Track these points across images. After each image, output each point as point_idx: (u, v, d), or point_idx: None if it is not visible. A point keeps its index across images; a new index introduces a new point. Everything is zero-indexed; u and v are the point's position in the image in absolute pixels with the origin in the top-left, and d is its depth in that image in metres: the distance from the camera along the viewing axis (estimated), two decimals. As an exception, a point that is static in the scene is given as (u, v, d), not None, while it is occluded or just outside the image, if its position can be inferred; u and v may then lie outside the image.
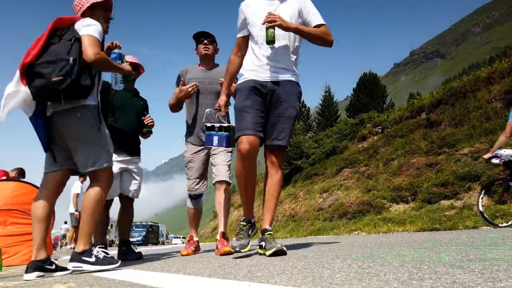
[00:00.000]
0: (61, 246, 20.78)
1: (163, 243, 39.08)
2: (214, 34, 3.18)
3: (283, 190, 15.99)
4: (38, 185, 4.71)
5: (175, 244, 31.17)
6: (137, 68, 3.39)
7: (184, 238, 45.98)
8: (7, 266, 3.55)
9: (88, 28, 2.04)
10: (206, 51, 3.15)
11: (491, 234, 3.09)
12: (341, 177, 12.59)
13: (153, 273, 1.90)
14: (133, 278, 1.67)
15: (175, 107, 3.23)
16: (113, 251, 7.46)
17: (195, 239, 3.38)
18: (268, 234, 2.29)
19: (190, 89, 2.99)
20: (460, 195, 7.24)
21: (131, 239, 3.74)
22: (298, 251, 2.43)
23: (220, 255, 2.72)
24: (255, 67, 2.27)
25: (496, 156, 4.94)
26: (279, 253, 2.05)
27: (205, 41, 3.15)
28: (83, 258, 2.03)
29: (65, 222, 21.34)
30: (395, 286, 0.95)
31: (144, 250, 7.22)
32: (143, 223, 40.44)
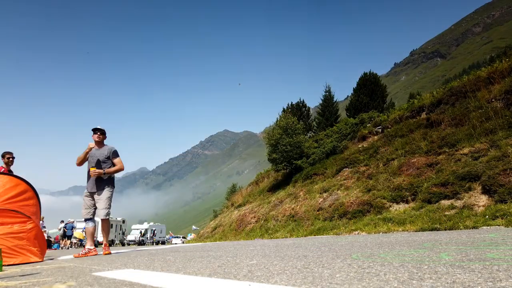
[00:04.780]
0: (62, 247, 20.67)
1: (163, 243, 39.07)
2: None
3: (283, 190, 15.98)
4: (24, 178, 4.66)
5: (175, 244, 31.14)
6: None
7: (184, 238, 45.97)
8: (7, 265, 3.55)
9: None
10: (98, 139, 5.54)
11: (491, 234, 3.09)
12: (341, 177, 12.57)
13: (153, 273, 1.90)
14: (133, 278, 1.67)
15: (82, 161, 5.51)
16: (113, 251, 7.46)
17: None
18: None
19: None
20: (460, 195, 7.23)
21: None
22: (298, 251, 2.43)
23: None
24: None
25: None
26: None
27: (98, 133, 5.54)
28: None
29: (62, 221, 21.31)
30: (395, 286, 0.95)
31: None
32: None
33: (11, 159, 6.12)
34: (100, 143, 5.50)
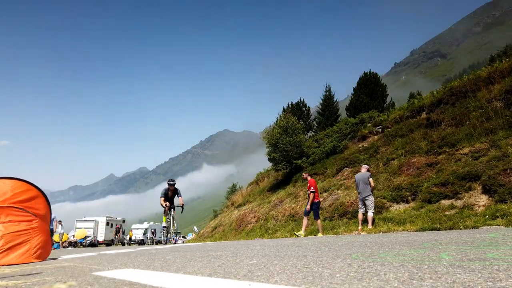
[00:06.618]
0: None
1: (165, 242, 38.99)
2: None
3: (283, 190, 15.99)
4: (34, 183, 4.68)
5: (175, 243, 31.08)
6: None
7: (184, 237, 45.91)
8: (7, 265, 3.55)
9: None
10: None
11: (491, 234, 3.09)
12: (341, 177, 12.58)
13: (153, 272, 1.90)
14: (133, 277, 1.67)
15: None
16: (113, 251, 7.47)
17: None
18: None
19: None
20: (461, 195, 7.22)
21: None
22: (298, 251, 2.43)
23: None
24: None
25: None
26: None
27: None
28: None
29: (60, 222, 21.45)
30: (395, 285, 0.94)
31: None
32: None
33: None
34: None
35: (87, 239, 27.67)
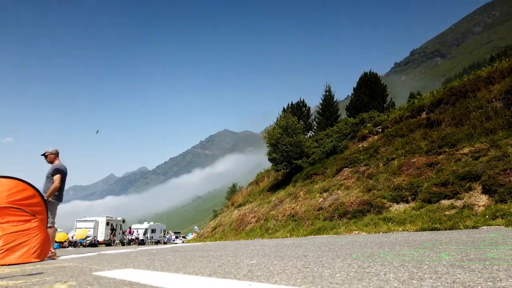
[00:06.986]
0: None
1: (165, 243, 39.02)
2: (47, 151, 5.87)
3: (284, 190, 15.98)
4: (30, 182, 4.70)
5: (176, 243, 31.17)
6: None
7: (184, 237, 45.96)
8: (7, 265, 3.55)
9: None
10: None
11: (491, 234, 3.09)
12: (341, 177, 12.57)
13: (153, 272, 1.90)
14: (133, 277, 1.67)
15: None
16: (113, 251, 7.46)
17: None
18: None
19: None
20: (461, 195, 7.22)
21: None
22: (298, 251, 2.43)
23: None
24: None
25: None
26: None
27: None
28: None
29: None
30: (395, 285, 0.94)
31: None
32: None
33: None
34: (50, 163, 5.94)
35: (87, 239, 27.65)
